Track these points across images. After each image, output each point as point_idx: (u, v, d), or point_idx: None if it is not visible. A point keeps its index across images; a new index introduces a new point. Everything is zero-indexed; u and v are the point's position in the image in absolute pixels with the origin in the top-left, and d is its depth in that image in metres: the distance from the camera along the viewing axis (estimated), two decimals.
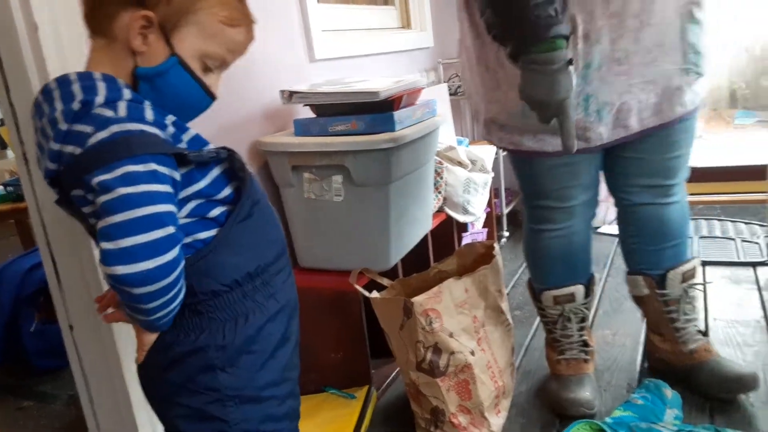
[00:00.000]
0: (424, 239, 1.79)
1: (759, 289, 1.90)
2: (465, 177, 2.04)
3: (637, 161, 1.30)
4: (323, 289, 1.51)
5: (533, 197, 1.39)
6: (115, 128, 0.65)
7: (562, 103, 1.05)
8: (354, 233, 1.50)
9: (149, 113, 0.70)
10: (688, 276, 1.39)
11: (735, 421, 1.28)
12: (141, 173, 0.64)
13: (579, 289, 1.42)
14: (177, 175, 0.69)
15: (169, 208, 0.66)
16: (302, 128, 1.49)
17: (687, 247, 1.41)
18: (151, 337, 0.72)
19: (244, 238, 0.75)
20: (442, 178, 1.98)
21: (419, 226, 1.70)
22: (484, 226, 2.39)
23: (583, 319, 1.46)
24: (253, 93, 1.55)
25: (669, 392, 1.34)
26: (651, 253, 1.39)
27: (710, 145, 4.79)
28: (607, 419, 1.26)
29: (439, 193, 1.99)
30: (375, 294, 1.39)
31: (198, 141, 0.76)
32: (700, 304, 1.82)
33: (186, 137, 0.74)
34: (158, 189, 0.65)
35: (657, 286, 1.39)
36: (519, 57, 1.06)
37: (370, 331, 1.50)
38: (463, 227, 2.19)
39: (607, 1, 1.12)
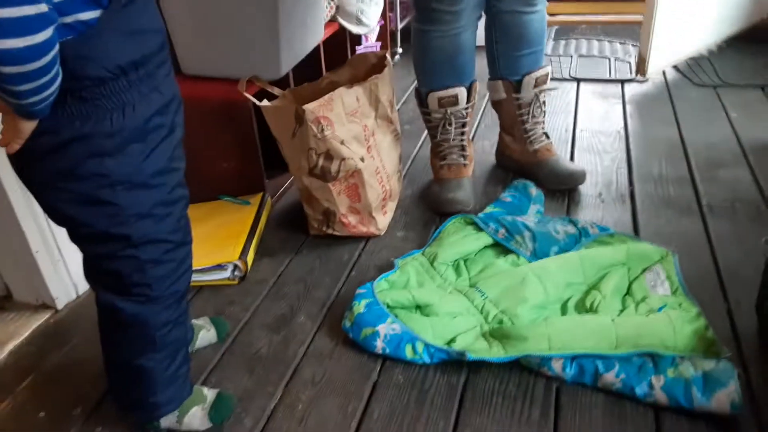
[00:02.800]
0: (316, 50, 1.75)
1: (624, 103, 2.08)
2: None
3: None
4: (212, 98, 1.47)
5: None
6: None
7: None
8: (241, 38, 1.43)
9: None
10: (540, 81, 1.55)
11: (587, 214, 1.48)
12: None
13: (462, 91, 1.51)
14: None
15: None
16: None
17: (542, 56, 1.56)
18: (30, 125, 0.69)
19: (129, 23, 0.71)
20: None
21: (310, 34, 1.64)
22: (377, 40, 2.36)
23: (464, 125, 1.56)
24: None
25: (534, 191, 1.51)
26: (511, 58, 1.53)
27: None
28: (480, 214, 1.41)
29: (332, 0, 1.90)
30: (266, 102, 1.38)
31: None
32: (569, 117, 2.00)
33: None
34: None
35: (513, 90, 1.55)
36: None
37: (263, 144, 1.51)
38: (356, 40, 2.15)
39: None
